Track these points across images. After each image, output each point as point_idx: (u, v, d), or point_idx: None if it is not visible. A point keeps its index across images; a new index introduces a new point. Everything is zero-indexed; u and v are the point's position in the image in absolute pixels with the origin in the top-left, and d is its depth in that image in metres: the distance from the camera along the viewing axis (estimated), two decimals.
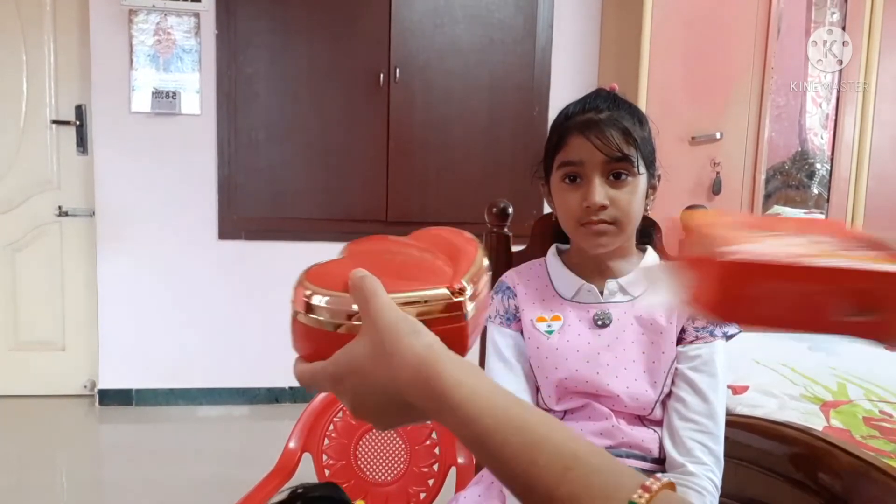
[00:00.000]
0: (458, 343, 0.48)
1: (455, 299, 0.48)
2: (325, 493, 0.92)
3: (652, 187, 0.99)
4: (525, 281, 1.03)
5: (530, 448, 0.40)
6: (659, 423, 0.95)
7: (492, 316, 1.01)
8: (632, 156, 0.91)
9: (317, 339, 0.49)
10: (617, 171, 0.92)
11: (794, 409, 1.45)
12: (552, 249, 1.05)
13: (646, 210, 0.98)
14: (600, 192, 0.91)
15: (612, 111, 0.92)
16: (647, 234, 1.07)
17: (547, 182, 1.01)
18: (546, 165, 1.01)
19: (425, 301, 0.48)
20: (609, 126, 0.91)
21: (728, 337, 0.98)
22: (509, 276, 1.06)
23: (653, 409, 0.95)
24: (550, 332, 0.97)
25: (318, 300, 0.48)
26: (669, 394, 0.95)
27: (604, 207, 0.91)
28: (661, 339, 0.95)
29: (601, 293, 0.98)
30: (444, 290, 0.48)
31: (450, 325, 0.48)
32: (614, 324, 0.96)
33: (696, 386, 0.93)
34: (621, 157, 0.90)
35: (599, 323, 0.96)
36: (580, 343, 0.96)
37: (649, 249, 1.03)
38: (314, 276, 0.50)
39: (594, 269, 0.99)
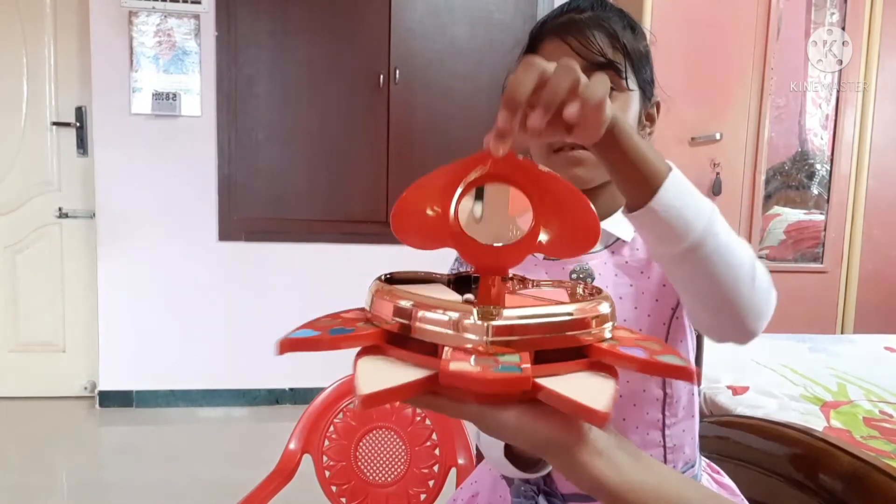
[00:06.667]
0: None
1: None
2: None
3: (648, 116, 0.80)
4: None
5: None
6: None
7: None
8: (619, 64, 0.74)
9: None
10: None
11: (794, 409, 1.45)
12: None
13: None
14: None
15: (596, 11, 0.76)
16: None
17: None
18: None
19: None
20: (591, 27, 0.74)
21: None
22: None
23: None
24: None
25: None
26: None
27: None
28: (650, 283, 0.77)
29: None
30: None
31: None
32: (596, 281, 0.77)
33: None
34: (605, 63, 0.73)
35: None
36: None
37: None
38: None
39: None
